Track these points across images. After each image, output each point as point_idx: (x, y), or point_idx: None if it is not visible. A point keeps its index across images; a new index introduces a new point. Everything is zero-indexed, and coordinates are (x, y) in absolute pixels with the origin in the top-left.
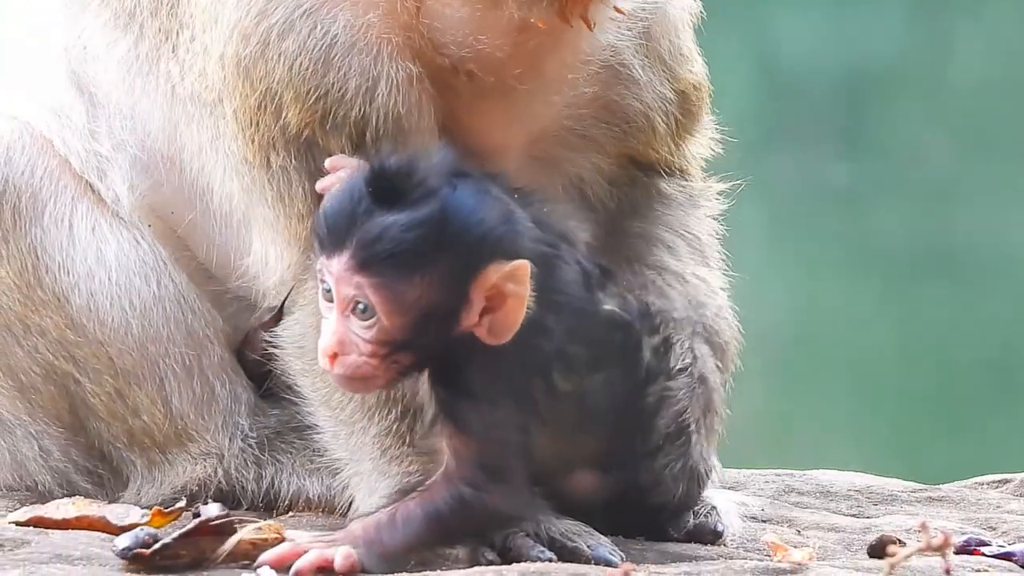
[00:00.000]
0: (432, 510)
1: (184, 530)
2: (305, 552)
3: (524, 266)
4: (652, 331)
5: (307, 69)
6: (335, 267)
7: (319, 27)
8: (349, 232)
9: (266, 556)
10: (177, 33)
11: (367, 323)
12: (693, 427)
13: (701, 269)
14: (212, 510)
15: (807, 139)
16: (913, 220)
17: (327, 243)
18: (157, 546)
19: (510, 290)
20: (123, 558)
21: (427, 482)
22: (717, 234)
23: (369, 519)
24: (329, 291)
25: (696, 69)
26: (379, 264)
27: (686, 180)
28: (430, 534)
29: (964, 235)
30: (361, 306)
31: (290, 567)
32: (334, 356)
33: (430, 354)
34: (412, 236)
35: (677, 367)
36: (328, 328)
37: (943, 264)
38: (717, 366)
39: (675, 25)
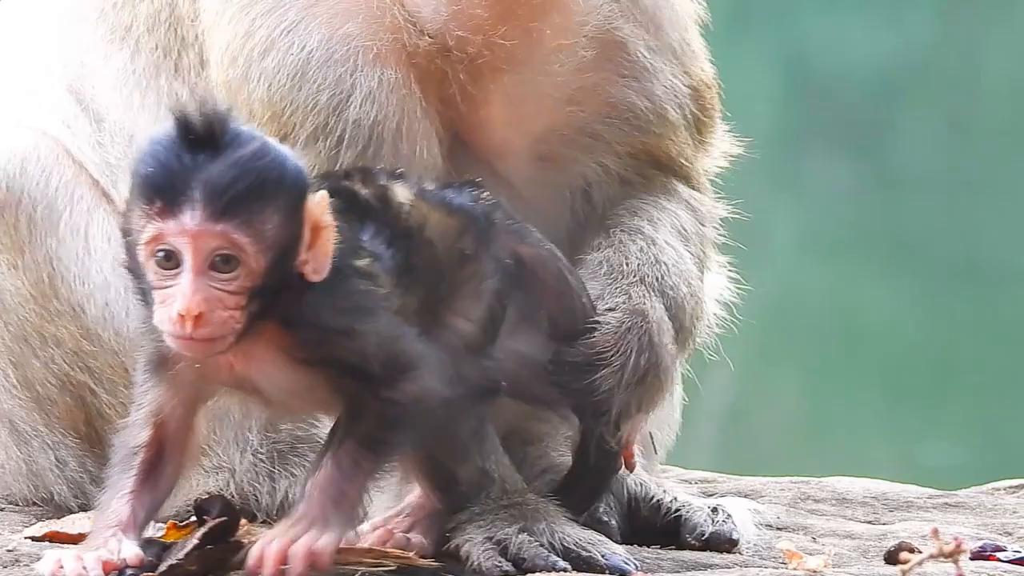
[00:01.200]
0: (364, 437)
1: (189, 547)
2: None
3: (326, 195)
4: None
5: (284, 86)
6: (188, 224)
7: (296, 44)
8: (191, 186)
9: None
10: (179, 52)
11: (230, 274)
12: (612, 365)
13: (678, 243)
14: (213, 504)
15: (838, 140)
16: (942, 220)
17: (167, 204)
18: (163, 568)
19: (324, 221)
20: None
21: (334, 426)
22: (710, 241)
23: (316, 491)
24: (169, 254)
25: (707, 68)
26: (240, 204)
27: (693, 189)
28: (376, 461)
29: (993, 236)
30: (222, 257)
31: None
32: (198, 317)
33: (272, 300)
34: (258, 168)
35: (605, 307)
36: (183, 290)
37: (972, 266)
38: (671, 328)
39: (684, 20)
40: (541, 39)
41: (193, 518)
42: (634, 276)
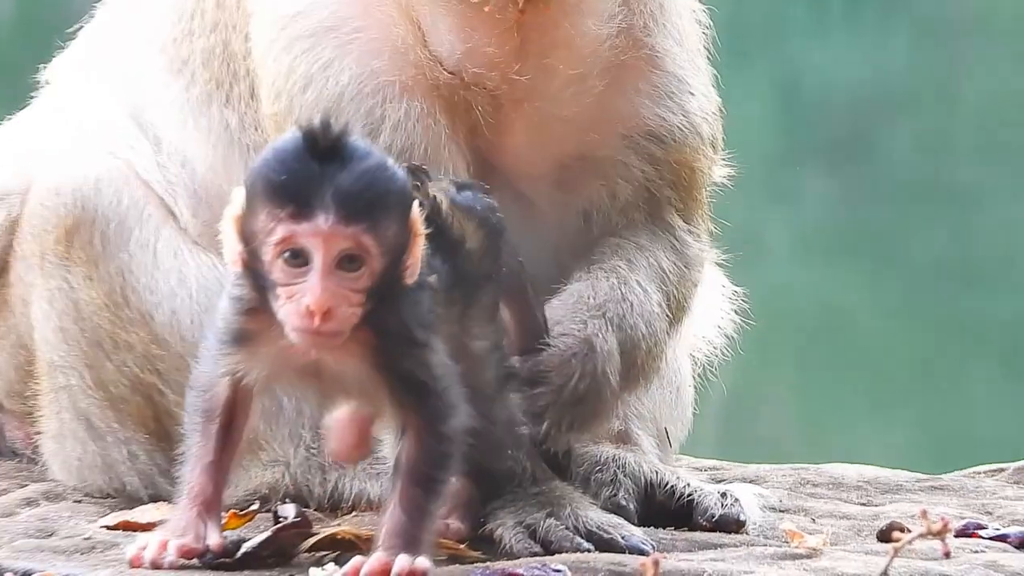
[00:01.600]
0: (424, 479)
1: (267, 535)
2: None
3: (418, 205)
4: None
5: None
6: (321, 226)
7: (331, 79)
8: (322, 192)
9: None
10: (231, 84)
11: (356, 273)
12: (552, 384)
13: (650, 285)
14: (289, 511)
15: (826, 156)
16: (923, 227)
17: (299, 208)
18: (240, 555)
19: (419, 229)
20: (208, 567)
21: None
22: (693, 283)
23: (392, 538)
24: (297, 253)
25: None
26: (368, 210)
27: (690, 233)
28: (437, 499)
29: (969, 240)
30: (348, 257)
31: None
32: (326, 312)
33: (380, 301)
34: (382, 178)
35: (560, 331)
36: (313, 287)
37: (949, 268)
38: (619, 362)
39: (699, 44)
40: (554, 72)
41: (253, 506)
42: (597, 310)
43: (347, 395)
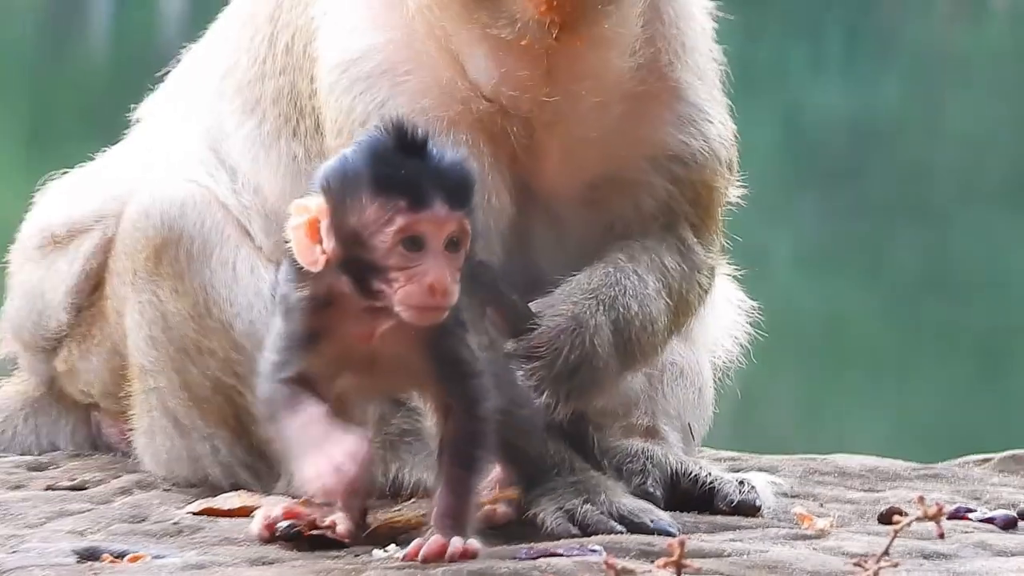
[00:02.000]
0: (466, 459)
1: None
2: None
3: None
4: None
5: None
6: (438, 213)
7: (386, 117)
8: (432, 183)
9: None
10: (297, 120)
11: (457, 254)
12: (544, 359)
13: (648, 275)
14: None
15: (824, 180)
16: (909, 244)
17: (415, 199)
18: (315, 532)
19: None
20: (284, 538)
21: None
22: (698, 285)
23: (443, 519)
24: (416, 241)
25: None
26: (466, 196)
27: (699, 244)
28: (480, 477)
29: (950, 255)
30: (454, 240)
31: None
32: (445, 289)
33: None
34: (469, 168)
35: (551, 313)
36: (435, 268)
37: (933, 280)
38: (611, 337)
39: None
40: (580, 98)
41: None
42: (590, 293)
43: (394, 385)
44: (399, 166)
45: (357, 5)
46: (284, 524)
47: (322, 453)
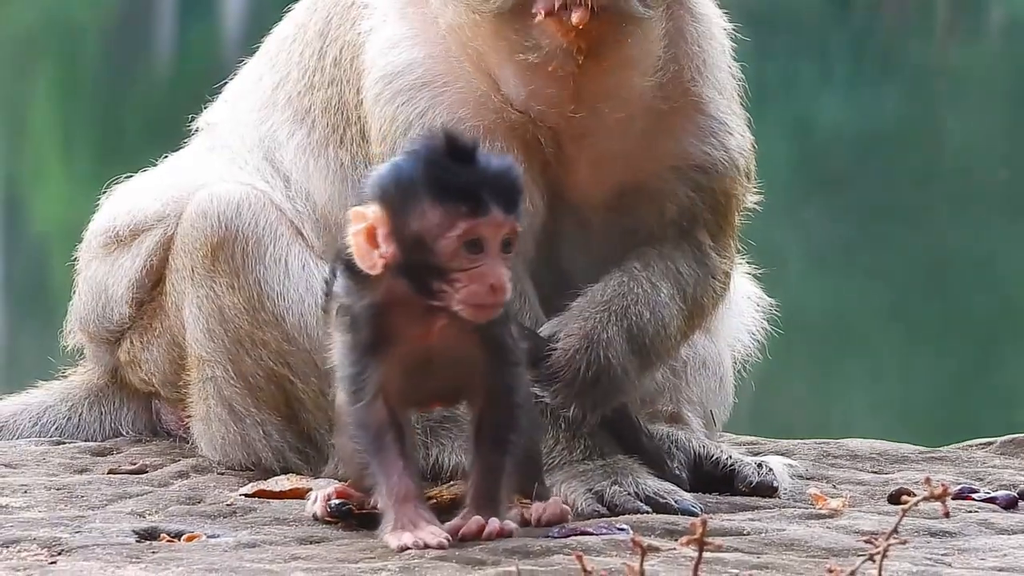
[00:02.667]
0: (503, 444)
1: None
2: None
3: None
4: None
5: None
6: (497, 217)
7: (426, 126)
8: (488, 189)
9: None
10: (344, 129)
11: (509, 255)
12: (564, 380)
13: (661, 282)
14: None
15: (834, 187)
16: (911, 245)
17: (475, 204)
18: (364, 511)
19: None
20: (335, 515)
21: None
22: (712, 291)
23: (481, 500)
24: (476, 243)
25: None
26: (517, 200)
27: (714, 249)
28: (514, 460)
29: (953, 253)
30: (508, 241)
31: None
32: (502, 288)
33: None
34: (517, 173)
35: (565, 333)
36: (495, 269)
37: (934, 278)
38: (627, 346)
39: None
40: (603, 115)
41: None
42: (604, 305)
43: (444, 385)
44: (456, 173)
45: (399, 23)
46: (336, 502)
47: (411, 529)
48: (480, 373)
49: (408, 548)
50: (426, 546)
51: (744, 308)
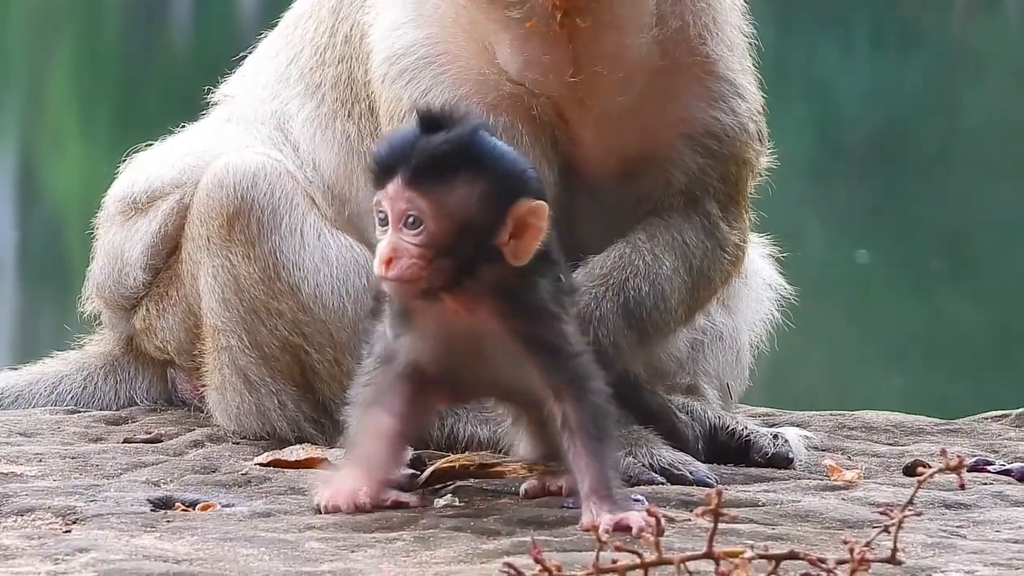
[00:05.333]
0: (596, 429)
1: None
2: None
3: (545, 207)
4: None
5: None
6: (390, 190)
7: (430, 104)
8: (400, 160)
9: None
10: (352, 103)
11: (415, 231)
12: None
13: (664, 253)
14: (407, 453)
15: (854, 163)
16: (931, 222)
17: (381, 174)
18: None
19: (533, 222)
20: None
21: (562, 428)
22: (720, 262)
23: (595, 496)
24: (384, 217)
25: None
26: (423, 175)
27: (724, 219)
28: (612, 442)
29: (970, 233)
30: (411, 218)
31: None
32: (388, 261)
33: (468, 264)
34: (447, 150)
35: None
36: (383, 241)
37: (955, 256)
38: (625, 323)
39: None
40: (601, 77)
41: None
42: (601, 279)
43: (499, 366)
44: (388, 145)
45: (402, 5)
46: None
47: (340, 480)
48: (534, 369)
49: (325, 508)
50: (335, 509)
51: (761, 283)
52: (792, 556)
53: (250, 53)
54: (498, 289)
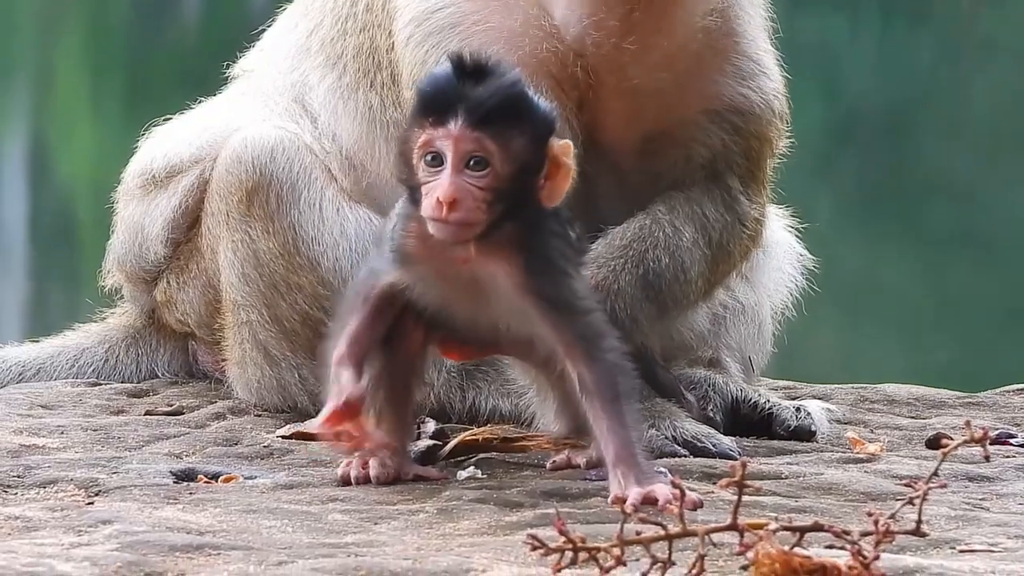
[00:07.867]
0: (616, 392)
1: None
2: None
3: (571, 144)
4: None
5: None
6: (452, 130)
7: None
8: (458, 100)
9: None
10: (375, 73)
11: (480, 173)
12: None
13: (685, 225)
14: (430, 425)
15: (864, 144)
16: (940, 202)
17: (437, 116)
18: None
19: (564, 161)
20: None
21: (580, 390)
22: (740, 236)
23: (622, 466)
24: (435, 156)
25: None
26: (495, 118)
27: (744, 194)
28: (633, 407)
29: (979, 213)
30: (475, 159)
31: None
32: (452, 203)
33: (516, 208)
34: (515, 94)
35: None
36: (443, 182)
37: (963, 236)
38: (644, 295)
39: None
40: (654, 48)
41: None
42: (621, 250)
43: (504, 319)
44: (436, 86)
45: None
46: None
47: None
48: (545, 326)
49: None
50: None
51: (783, 259)
52: (817, 528)
53: (265, 30)
54: (513, 242)
